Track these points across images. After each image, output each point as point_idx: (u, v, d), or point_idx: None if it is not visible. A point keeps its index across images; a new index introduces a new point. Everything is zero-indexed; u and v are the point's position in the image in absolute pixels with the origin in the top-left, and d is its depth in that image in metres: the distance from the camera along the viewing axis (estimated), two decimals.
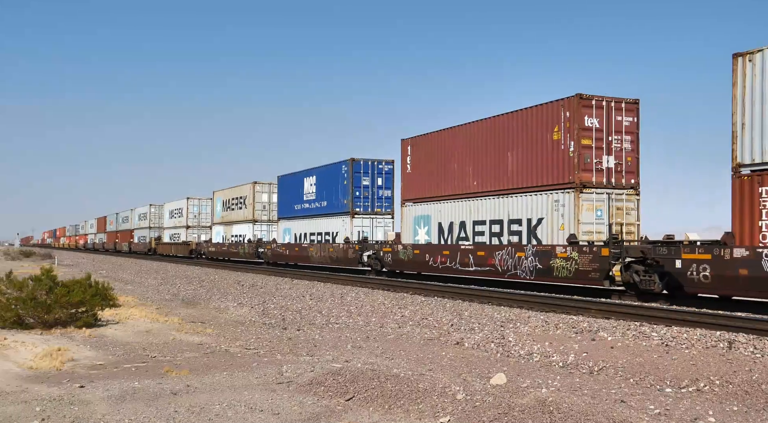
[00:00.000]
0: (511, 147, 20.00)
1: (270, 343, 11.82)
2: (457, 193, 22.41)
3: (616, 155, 18.25)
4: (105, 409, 6.89)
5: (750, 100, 13.88)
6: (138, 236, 65.86)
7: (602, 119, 18.06)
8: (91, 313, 13.25)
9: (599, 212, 17.98)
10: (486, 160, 21.03)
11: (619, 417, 6.30)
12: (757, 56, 13.89)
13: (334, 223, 30.74)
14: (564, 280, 17.61)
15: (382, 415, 6.84)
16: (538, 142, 19.03)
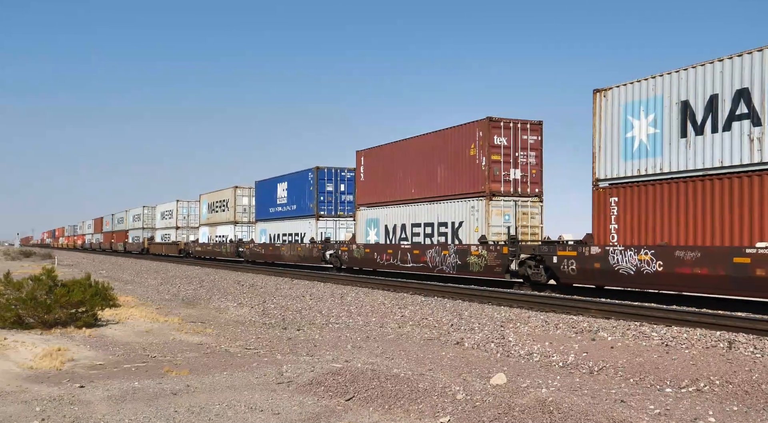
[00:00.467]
0: (439, 161, 23.20)
1: (270, 343, 11.83)
2: (400, 199, 25.58)
3: (522, 168, 21.31)
4: (105, 409, 6.89)
5: (604, 128, 17.61)
6: (132, 236, 68.55)
7: (510, 138, 21.20)
8: (91, 313, 13.25)
9: (507, 217, 20.99)
10: (421, 172, 24.22)
11: (619, 417, 6.30)
12: (609, 92, 17.56)
13: (302, 224, 33.67)
14: (477, 274, 20.55)
15: (382, 415, 6.84)
16: (458, 157, 22.20)
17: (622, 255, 15.65)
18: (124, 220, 73.14)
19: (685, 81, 15.61)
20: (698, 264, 14.01)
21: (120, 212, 76.20)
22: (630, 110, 16.93)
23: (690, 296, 15.49)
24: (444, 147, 23.00)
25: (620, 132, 17.14)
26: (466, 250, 20.78)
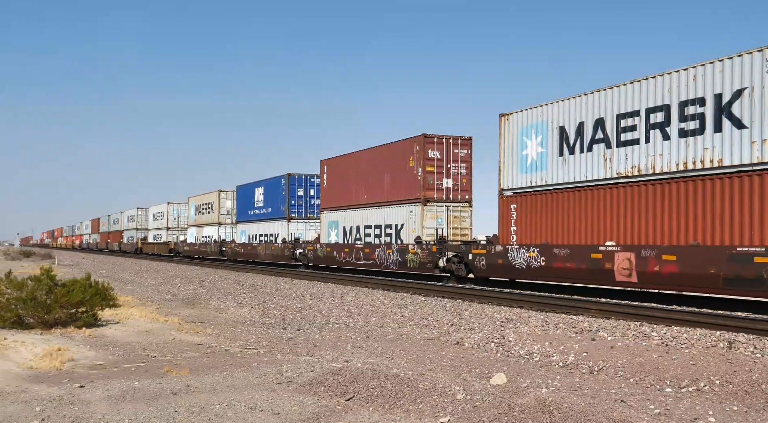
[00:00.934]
0: (385, 171, 26.48)
1: (270, 343, 11.82)
2: (355, 203, 28.89)
3: (453, 178, 24.42)
4: (105, 409, 6.89)
5: (506, 146, 21.02)
6: (127, 237, 71.34)
7: (442, 152, 24.32)
8: (91, 313, 13.25)
9: (440, 220, 24.17)
10: (371, 180, 27.58)
11: (619, 417, 6.29)
12: (510, 117, 20.94)
13: (276, 226, 36.95)
14: (414, 269, 23.76)
15: (382, 415, 6.84)
16: (400, 168, 25.41)
17: (517, 252, 19.07)
18: (120, 221, 75.75)
19: (563, 110, 19.03)
20: (568, 259, 17.33)
21: (116, 213, 78.83)
22: (525, 132, 20.39)
23: (690, 296, 15.50)
24: (389, 159, 26.29)
25: (518, 150, 20.50)
26: (405, 249, 24.03)
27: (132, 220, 70.32)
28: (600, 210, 17.47)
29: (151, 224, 64.89)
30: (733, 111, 14.38)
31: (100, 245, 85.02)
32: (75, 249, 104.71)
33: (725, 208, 14.41)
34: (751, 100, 14.01)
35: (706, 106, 14.94)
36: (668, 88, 15.82)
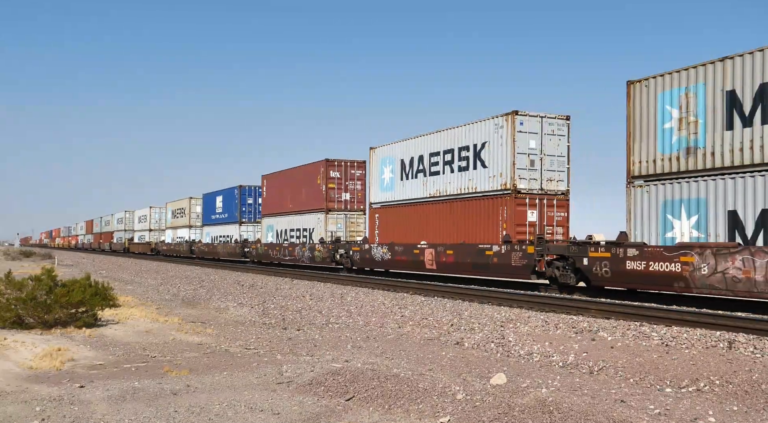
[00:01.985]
0: (303, 186, 33.49)
1: (270, 343, 11.82)
2: (284, 211, 36.04)
3: (350, 193, 31.42)
4: (105, 409, 6.89)
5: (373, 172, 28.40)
6: (117, 237, 77.20)
7: (341, 172, 31.29)
8: (91, 313, 13.25)
9: (339, 225, 31.28)
10: (295, 193, 34.48)
11: (619, 417, 6.29)
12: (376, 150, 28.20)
13: (231, 229, 44.09)
14: (320, 263, 30.29)
15: (382, 415, 6.84)
16: (312, 185, 32.38)
17: (377, 249, 25.87)
18: (110, 223, 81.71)
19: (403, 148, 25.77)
20: (403, 254, 24.26)
21: (107, 216, 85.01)
22: (384, 162, 27.02)
23: (690, 296, 15.46)
24: (304, 177, 33.30)
25: (379, 175, 27.49)
26: (313, 247, 31.00)
27: (121, 222, 75.90)
28: (420, 219, 24.48)
29: (136, 226, 70.86)
30: (482, 156, 21.33)
31: (94, 245, 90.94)
32: (71, 249, 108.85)
33: (478, 218, 21.35)
34: (489, 149, 21.07)
35: (470, 152, 21.89)
36: (454, 137, 22.70)
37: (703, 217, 15.03)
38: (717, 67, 14.87)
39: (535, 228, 20.11)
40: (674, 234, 15.66)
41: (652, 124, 16.24)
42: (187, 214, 53.28)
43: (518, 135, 19.90)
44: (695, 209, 15.22)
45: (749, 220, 14.02)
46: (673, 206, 15.73)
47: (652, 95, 16.30)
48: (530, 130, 20.08)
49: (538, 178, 20.24)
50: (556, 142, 20.42)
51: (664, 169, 15.96)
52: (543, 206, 20.32)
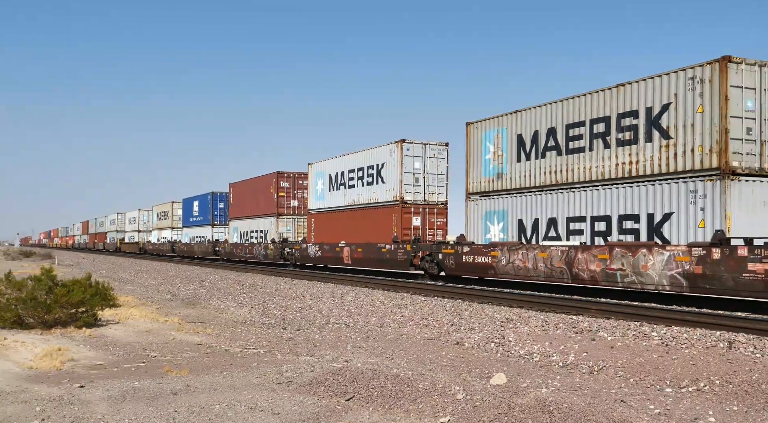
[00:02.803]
0: (260, 193, 38.64)
1: (270, 343, 11.82)
2: (246, 215, 41.21)
3: (298, 200, 36.61)
4: (105, 409, 6.89)
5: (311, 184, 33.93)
6: (109, 237, 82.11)
7: (290, 182, 36.71)
8: (91, 313, 13.25)
9: (288, 228, 36.66)
10: (254, 199, 39.60)
11: (619, 417, 6.29)
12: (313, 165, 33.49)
13: (205, 230, 49.57)
14: (272, 259, 36.00)
15: (382, 415, 6.84)
16: (266, 192, 37.62)
17: (312, 247, 31.60)
18: (104, 224, 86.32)
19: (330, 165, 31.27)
20: (329, 251, 29.80)
21: (101, 217, 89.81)
22: (318, 176, 32.52)
23: (690, 296, 15.49)
24: (261, 186, 38.63)
25: (314, 186, 32.99)
26: (267, 246, 36.47)
27: (113, 224, 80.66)
28: (341, 223, 29.51)
29: (127, 227, 75.77)
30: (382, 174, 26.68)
31: (89, 245, 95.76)
32: (68, 249, 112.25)
33: (379, 223, 26.38)
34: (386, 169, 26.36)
35: (374, 170, 27.17)
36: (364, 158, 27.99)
37: (505, 223, 20.46)
38: (512, 117, 20.20)
39: (419, 231, 25.50)
40: (490, 236, 21.03)
41: (479, 155, 21.59)
42: (170, 217, 58.66)
43: (405, 158, 25.44)
44: (501, 218, 20.67)
45: (528, 225, 19.54)
46: (489, 216, 21.15)
47: (480, 134, 21.55)
48: (415, 154, 25.65)
49: (421, 192, 25.84)
50: (437, 164, 26.08)
51: (485, 188, 21.35)
52: (426, 214, 25.90)
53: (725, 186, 14.13)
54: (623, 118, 16.50)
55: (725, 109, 14.28)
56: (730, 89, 14.32)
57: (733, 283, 13.30)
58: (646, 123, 15.94)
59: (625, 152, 16.40)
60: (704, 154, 14.67)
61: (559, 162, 18.35)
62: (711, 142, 14.55)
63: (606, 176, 16.92)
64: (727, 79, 14.32)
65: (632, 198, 16.22)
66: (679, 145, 15.16)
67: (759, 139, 14.60)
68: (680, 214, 15.05)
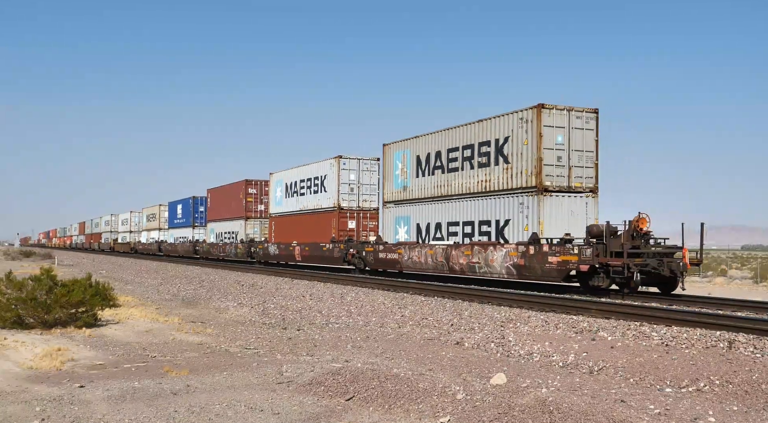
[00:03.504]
0: (232, 199, 42.62)
1: (270, 343, 11.82)
2: (221, 218, 45.31)
3: (264, 205, 39.91)
4: (105, 409, 6.89)
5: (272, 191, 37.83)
6: (104, 238, 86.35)
7: (258, 189, 40.61)
8: (91, 313, 13.25)
9: (255, 229, 40.42)
10: (227, 203, 43.74)
11: (619, 417, 6.29)
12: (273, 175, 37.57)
13: (187, 231, 53.59)
14: (241, 257, 39.92)
15: (382, 414, 6.84)
16: (237, 198, 41.71)
17: (272, 246, 35.96)
18: (99, 225, 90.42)
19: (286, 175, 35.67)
20: (284, 250, 34.25)
21: (96, 218, 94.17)
22: (278, 184, 36.76)
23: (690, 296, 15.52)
24: (233, 191, 42.61)
25: (275, 193, 37.12)
26: (237, 246, 40.75)
27: (108, 225, 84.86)
28: (295, 225, 33.95)
29: (120, 228, 79.93)
30: (325, 184, 31.03)
31: (86, 245, 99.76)
32: (66, 248, 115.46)
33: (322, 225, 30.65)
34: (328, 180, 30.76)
35: (319, 181, 31.61)
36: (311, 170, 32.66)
37: (409, 227, 24.94)
38: (413, 140, 24.67)
39: (354, 233, 29.78)
40: (399, 237, 25.52)
41: (392, 171, 26.11)
42: (158, 219, 62.88)
43: (342, 171, 29.94)
44: (406, 222, 25.13)
45: (423, 228, 23.99)
46: (398, 220, 25.65)
47: (392, 153, 26.04)
48: (351, 168, 30.04)
49: (356, 200, 30.20)
50: (369, 176, 30.38)
51: (395, 198, 25.85)
52: (360, 218, 30.13)
53: (540, 200, 18.47)
54: (482, 146, 20.91)
55: (540, 143, 18.53)
56: (543, 128, 18.59)
57: (540, 272, 17.70)
58: (495, 151, 20.34)
59: (483, 172, 20.86)
60: (528, 176, 18.89)
61: (443, 178, 22.95)
62: (532, 167, 18.75)
63: (471, 190, 21.45)
64: (541, 120, 18.55)
65: (486, 208, 20.75)
66: (514, 169, 19.46)
67: (567, 164, 18.95)
68: (515, 220, 19.48)
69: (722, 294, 22.51)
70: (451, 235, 22.33)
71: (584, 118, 19.20)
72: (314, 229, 31.39)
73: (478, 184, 21.03)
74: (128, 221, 75.26)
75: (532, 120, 18.74)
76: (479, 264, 20.05)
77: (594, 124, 19.31)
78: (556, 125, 18.76)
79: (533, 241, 18.11)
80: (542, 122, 18.53)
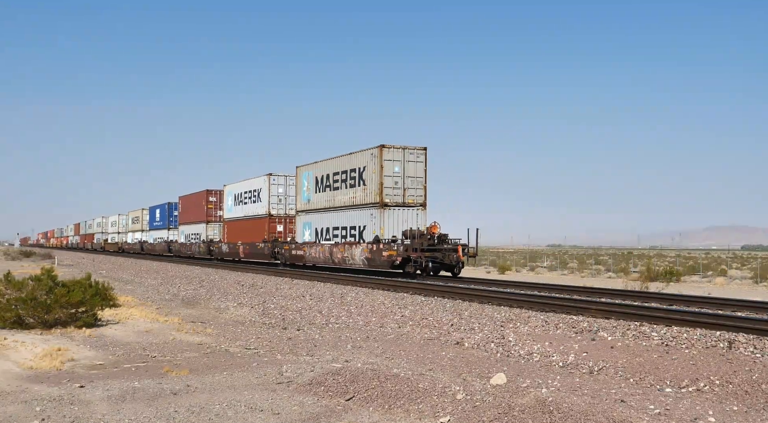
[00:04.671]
0: (197, 205, 49.58)
1: (270, 343, 11.82)
2: (189, 221, 52.08)
3: (222, 211, 45.59)
4: (105, 409, 6.88)
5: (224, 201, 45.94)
6: (96, 238, 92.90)
7: (217, 197, 46.72)
8: (91, 313, 13.24)
9: (215, 231, 46.89)
10: (193, 209, 50.86)
11: (619, 417, 6.29)
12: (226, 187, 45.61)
13: (163, 233, 60.94)
14: (203, 255, 47.53)
15: (382, 415, 6.84)
16: (200, 205, 48.63)
17: (224, 246, 43.33)
18: (92, 226, 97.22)
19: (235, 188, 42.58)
20: (233, 249, 41.84)
21: (89, 220, 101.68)
22: (229, 196, 43.73)
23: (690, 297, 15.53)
24: (197, 199, 49.68)
25: (226, 203, 43.93)
26: (200, 245, 47.94)
27: (99, 226, 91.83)
28: (240, 228, 40.81)
29: (109, 229, 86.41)
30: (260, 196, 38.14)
31: (81, 244, 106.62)
32: (63, 248, 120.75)
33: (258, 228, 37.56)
34: (262, 193, 37.74)
35: (256, 194, 38.51)
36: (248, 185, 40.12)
37: (311, 230, 32.00)
38: (313, 165, 32.06)
39: (282, 234, 36.93)
40: (305, 238, 32.57)
41: (301, 187, 33.30)
42: (141, 221, 70.10)
43: (272, 187, 37.17)
44: (309, 227, 32.32)
45: (319, 231, 31.10)
46: (305, 225, 32.78)
47: (302, 173, 33.27)
48: (279, 183, 37.38)
49: (284, 208, 37.35)
50: (293, 190, 36.62)
51: (303, 208, 33.07)
52: (286, 222, 37.15)
53: (382, 212, 25.90)
54: (351, 172, 28.24)
55: (382, 172, 25.79)
56: (384, 161, 25.82)
57: (379, 262, 25.31)
58: (358, 176, 27.64)
59: (352, 191, 28.21)
60: (375, 195, 26.16)
61: (330, 194, 30.28)
62: (378, 189, 25.96)
63: (345, 204, 28.76)
64: (383, 155, 25.81)
65: (353, 217, 28.08)
66: (368, 190, 26.74)
67: (402, 187, 26.23)
68: (368, 226, 26.74)
69: (722, 294, 22.56)
70: (335, 237, 29.63)
71: (416, 154, 26.45)
72: (252, 231, 38.83)
73: (349, 199, 28.45)
74: (116, 223, 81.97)
75: (377, 155, 26.02)
76: (348, 257, 27.65)
77: (423, 158, 26.46)
78: (394, 159, 26.06)
79: (375, 241, 25.84)
80: (383, 157, 25.80)
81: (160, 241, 61.59)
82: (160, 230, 62.31)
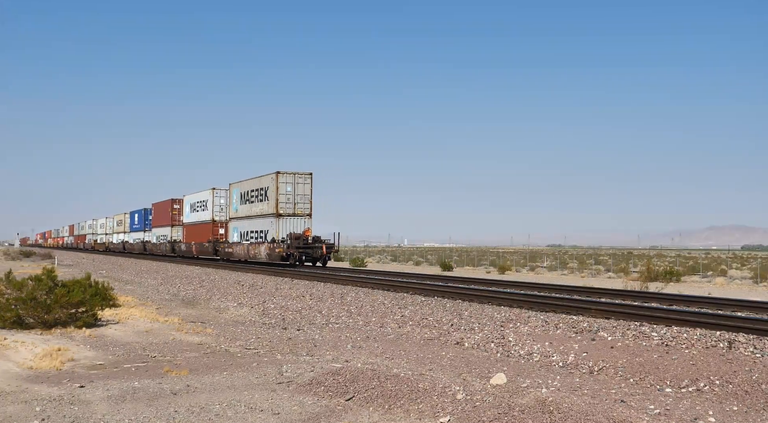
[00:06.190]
0: (166, 211, 56.59)
1: (270, 343, 11.82)
2: (159, 225, 59.20)
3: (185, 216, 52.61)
4: (105, 409, 6.89)
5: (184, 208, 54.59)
6: (88, 239, 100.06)
7: (180, 205, 53.99)
8: (91, 313, 13.24)
9: (179, 234, 53.89)
10: (162, 214, 58.27)
11: (619, 417, 6.29)
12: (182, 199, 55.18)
13: (141, 235, 67.99)
14: (168, 253, 56.51)
15: (382, 415, 6.84)
16: (167, 211, 56.35)
17: (183, 245, 52.32)
18: (84, 228, 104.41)
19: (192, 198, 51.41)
20: (188, 247, 50.98)
21: (81, 222, 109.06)
22: (187, 205, 51.88)
23: (690, 297, 15.54)
24: (165, 206, 56.62)
25: (185, 210, 52.52)
26: (167, 245, 55.73)
27: (91, 227, 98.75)
28: (194, 232, 48.83)
29: (98, 230, 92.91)
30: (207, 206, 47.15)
31: (75, 245, 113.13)
32: (60, 248, 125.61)
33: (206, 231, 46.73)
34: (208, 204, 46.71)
35: (205, 204, 47.59)
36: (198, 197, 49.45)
37: (238, 233, 40.80)
38: (239, 183, 40.88)
39: (223, 236, 44.39)
40: (234, 239, 41.11)
41: (232, 200, 41.85)
42: (124, 224, 77.44)
43: (215, 198, 45.38)
44: (237, 231, 41.11)
45: (243, 234, 40.16)
46: (235, 229, 41.62)
47: (233, 189, 42.01)
48: (221, 196, 45.15)
49: (225, 215, 44.63)
50: (226, 201, 44.28)
51: (233, 216, 41.66)
52: (227, 227, 43.98)
53: (278, 220, 34.71)
54: (260, 190, 37.19)
55: (278, 191, 34.74)
56: (280, 183, 34.86)
57: (274, 256, 34.48)
58: (264, 193, 36.53)
59: (260, 204, 37.04)
60: (274, 208, 34.91)
61: (249, 206, 39.11)
62: (276, 202, 34.82)
63: (257, 214, 37.70)
64: (278, 179, 34.81)
65: (261, 224, 36.95)
66: (270, 203, 35.55)
67: (293, 202, 34.99)
68: (270, 231, 35.39)
69: (722, 294, 22.57)
70: (251, 238, 38.54)
71: (304, 178, 35.39)
72: (202, 233, 47.50)
73: (259, 210, 37.41)
74: (104, 225, 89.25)
75: (275, 179, 35.00)
76: (257, 253, 37.16)
77: (310, 180, 35.55)
78: (287, 182, 35.16)
79: (272, 241, 34.97)
80: (279, 181, 34.92)
81: (138, 242, 69.89)
82: (138, 232, 70.37)
